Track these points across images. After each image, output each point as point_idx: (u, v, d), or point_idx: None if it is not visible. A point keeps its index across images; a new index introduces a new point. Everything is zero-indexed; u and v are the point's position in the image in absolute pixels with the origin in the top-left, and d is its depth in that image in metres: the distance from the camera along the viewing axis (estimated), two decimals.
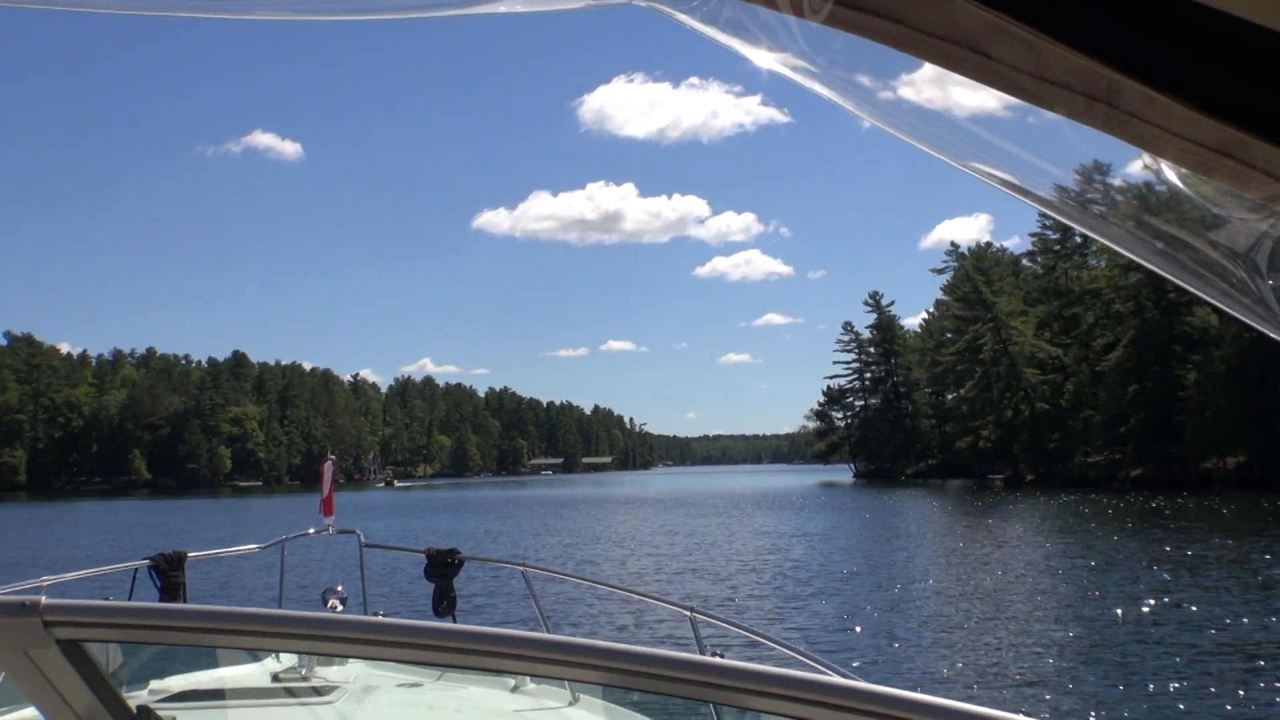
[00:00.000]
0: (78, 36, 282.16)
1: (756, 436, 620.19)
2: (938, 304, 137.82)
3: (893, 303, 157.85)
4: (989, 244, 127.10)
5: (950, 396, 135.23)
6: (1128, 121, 0.90)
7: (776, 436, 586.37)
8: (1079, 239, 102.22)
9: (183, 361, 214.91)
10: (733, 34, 0.96)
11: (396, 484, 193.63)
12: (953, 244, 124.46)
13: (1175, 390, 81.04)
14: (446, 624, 1.51)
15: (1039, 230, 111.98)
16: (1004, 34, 0.87)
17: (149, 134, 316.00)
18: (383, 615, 5.04)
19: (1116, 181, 1.05)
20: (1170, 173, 0.98)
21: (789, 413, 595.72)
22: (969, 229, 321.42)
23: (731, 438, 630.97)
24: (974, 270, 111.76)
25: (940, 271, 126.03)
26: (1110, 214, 1.10)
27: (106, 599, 2.99)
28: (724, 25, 0.96)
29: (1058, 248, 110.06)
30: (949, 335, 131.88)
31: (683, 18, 0.96)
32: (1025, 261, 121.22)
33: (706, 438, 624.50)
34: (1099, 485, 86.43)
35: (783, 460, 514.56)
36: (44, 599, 1.48)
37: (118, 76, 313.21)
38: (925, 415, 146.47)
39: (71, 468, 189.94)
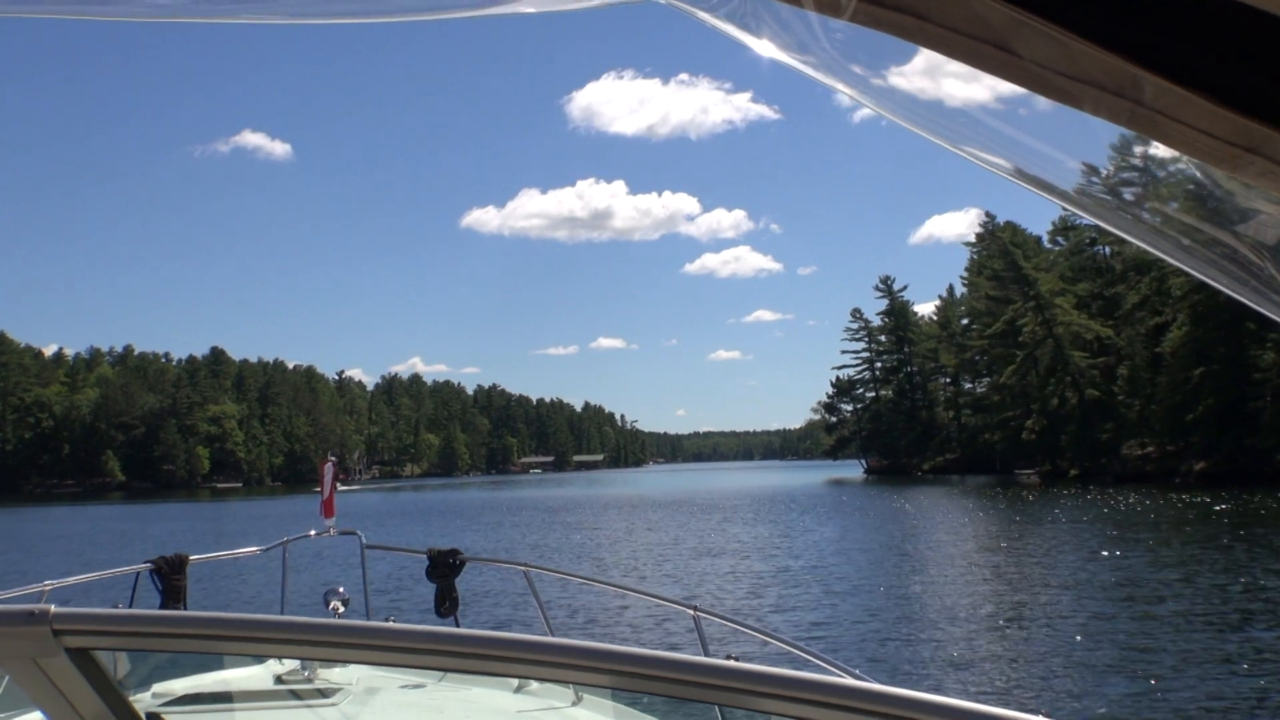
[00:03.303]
0: (64, 37, 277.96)
1: (747, 433, 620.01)
2: (948, 287, 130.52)
3: (905, 288, 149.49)
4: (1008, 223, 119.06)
5: (969, 385, 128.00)
6: (1152, 118, 0.90)
7: (767, 433, 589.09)
8: None
9: (162, 359, 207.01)
10: (755, 33, 0.96)
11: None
12: (987, 214, 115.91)
13: (1249, 373, 73.13)
14: (451, 629, 1.52)
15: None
16: (1029, 31, 0.87)
17: (138, 134, 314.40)
18: (392, 621, 4.43)
19: (1141, 177, 1.05)
20: (1196, 168, 0.98)
21: (779, 409, 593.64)
22: (959, 224, 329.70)
23: (722, 434, 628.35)
24: (1011, 245, 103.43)
25: (972, 245, 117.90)
26: (1134, 209, 1.10)
27: (116, 605, 3.00)
28: (746, 23, 0.95)
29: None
30: (966, 320, 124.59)
31: (703, 16, 0.96)
32: (1047, 242, 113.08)
33: (697, 435, 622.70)
34: (1156, 480, 78.45)
35: (775, 456, 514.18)
36: (53, 608, 1.49)
37: (106, 77, 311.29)
38: (943, 406, 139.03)
39: (42, 469, 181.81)
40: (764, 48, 0.96)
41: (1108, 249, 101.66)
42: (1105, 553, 32.34)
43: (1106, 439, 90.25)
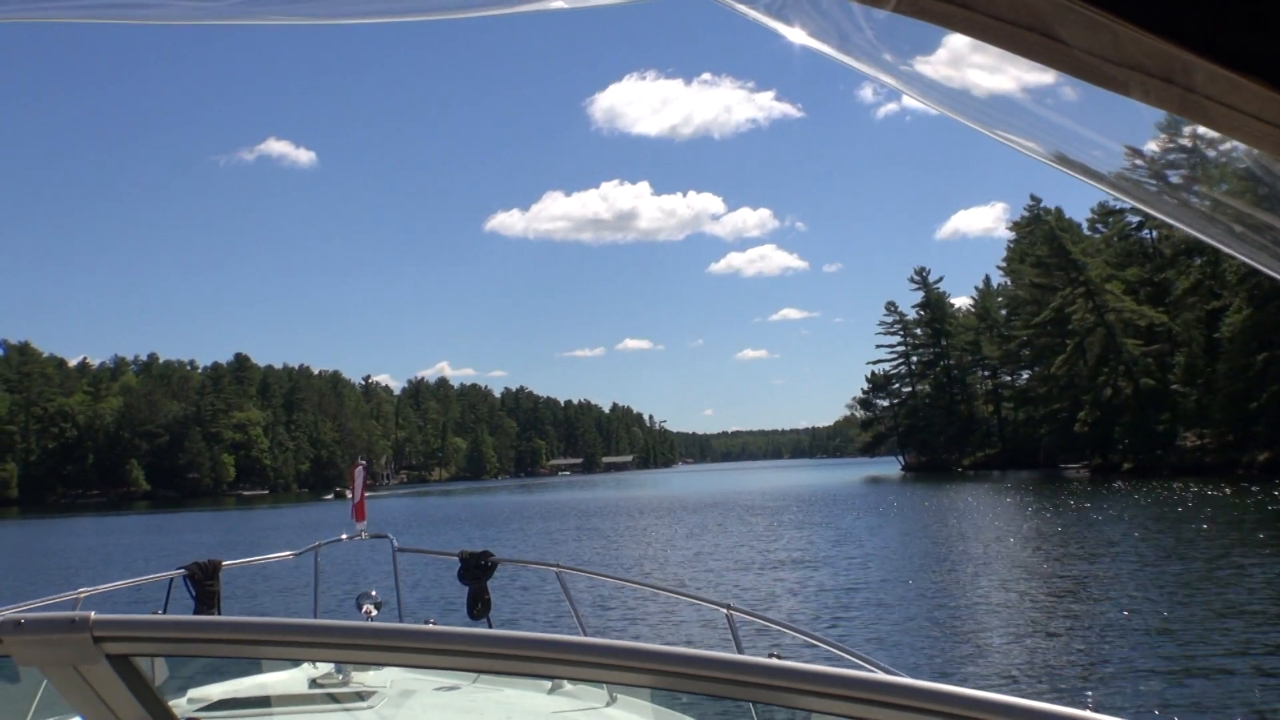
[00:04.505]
0: (90, 46, 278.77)
1: (775, 432, 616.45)
2: (984, 278, 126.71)
3: (941, 279, 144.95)
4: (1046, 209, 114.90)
5: (1009, 378, 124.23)
6: (1202, 104, 0.88)
7: (796, 431, 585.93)
8: None
9: (186, 367, 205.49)
10: (790, 22, 0.94)
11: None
12: (1033, 197, 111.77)
13: None
14: (486, 630, 1.48)
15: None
16: (1075, 17, 0.85)
17: (162, 143, 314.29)
18: (433, 622, 4.69)
19: (1188, 161, 1.03)
20: (1244, 153, 0.96)
21: (807, 407, 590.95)
22: (985, 218, 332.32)
23: (750, 434, 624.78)
24: (1058, 229, 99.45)
25: (1015, 229, 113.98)
26: (1181, 194, 1.08)
27: (155, 612, 3.04)
28: (783, 14, 0.94)
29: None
30: (1005, 311, 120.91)
31: (741, 8, 0.95)
32: (1086, 229, 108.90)
33: (725, 434, 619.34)
34: (1216, 472, 74.41)
35: (804, 455, 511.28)
36: (93, 614, 1.51)
37: (131, 86, 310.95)
38: (982, 400, 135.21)
39: (67, 480, 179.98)
40: (797, 36, 0.95)
41: (1154, 233, 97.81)
42: (1183, 550, 29.90)
43: (1162, 430, 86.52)
